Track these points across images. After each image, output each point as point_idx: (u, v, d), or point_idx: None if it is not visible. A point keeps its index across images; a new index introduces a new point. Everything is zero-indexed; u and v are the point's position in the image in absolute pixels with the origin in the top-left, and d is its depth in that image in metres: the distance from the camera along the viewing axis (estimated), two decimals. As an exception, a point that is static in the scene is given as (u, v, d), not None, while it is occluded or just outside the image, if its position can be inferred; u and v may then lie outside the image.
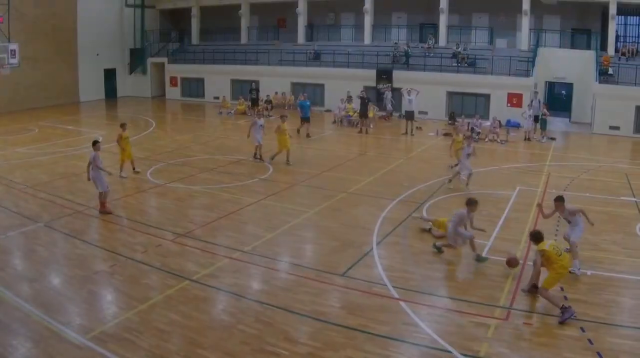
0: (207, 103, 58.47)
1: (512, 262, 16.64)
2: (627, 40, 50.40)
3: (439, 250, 18.06)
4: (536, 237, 14.74)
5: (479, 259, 17.32)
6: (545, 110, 40.37)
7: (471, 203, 17.63)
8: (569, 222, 16.85)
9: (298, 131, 38.29)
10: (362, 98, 41.81)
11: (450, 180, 26.13)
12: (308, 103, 39.96)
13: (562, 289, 15.34)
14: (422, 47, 52.21)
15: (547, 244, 14.47)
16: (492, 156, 32.95)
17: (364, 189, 25.56)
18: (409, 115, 41.00)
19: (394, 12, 57.40)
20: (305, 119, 38.68)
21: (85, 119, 48.96)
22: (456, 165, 27.57)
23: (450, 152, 28.22)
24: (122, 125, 27.56)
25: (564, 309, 13.66)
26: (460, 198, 23.60)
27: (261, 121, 30.77)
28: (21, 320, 13.37)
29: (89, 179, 21.56)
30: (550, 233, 19.70)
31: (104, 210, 21.35)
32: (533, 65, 46.00)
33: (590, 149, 38.08)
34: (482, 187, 25.90)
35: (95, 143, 21.82)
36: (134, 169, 27.67)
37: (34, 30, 51.94)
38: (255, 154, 30.48)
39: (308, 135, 38.31)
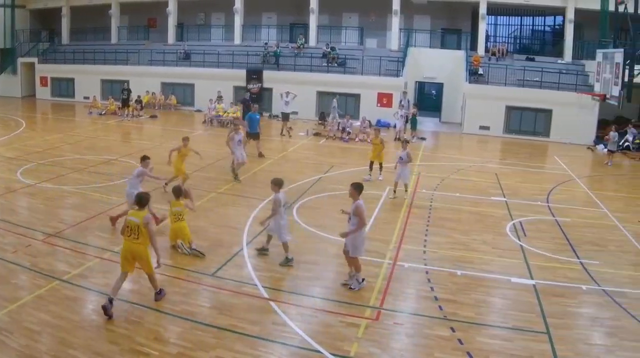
0: (78, 103, 56.76)
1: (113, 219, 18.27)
2: (497, 40, 51.89)
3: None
4: (139, 201, 14.18)
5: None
6: (414, 110, 40.69)
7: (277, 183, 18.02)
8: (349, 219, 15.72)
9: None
10: (244, 100, 41.31)
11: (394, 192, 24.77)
12: (258, 116, 33.41)
13: (432, 289, 15.36)
14: (292, 47, 52.38)
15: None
16: (362, 156, 32.54)
17: (234, 189, 25.15)
18: (285, 117, 40.90)
19: (264, 12, 57.48)
20: (253, 135, 32.46)
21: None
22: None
23: (370, 157, 27.63)
24: (185, 139, 24.75)
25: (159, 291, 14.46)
26: (329, 198, 23.39)
27: (239, 135, 27.17)
28: None
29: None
30: (421, 231, 20.04)
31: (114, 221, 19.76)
32: (403, 65, 46.59)
33: (461, 149, 38.70)
34: (352, 186, 25.54)
35: (144, 158, 20.24)
36: (166, 184, 24.19)
37: None
38: (234, 169, 27.08)
39: (261, 154, 32.46)
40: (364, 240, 15.33)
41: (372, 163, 27.61)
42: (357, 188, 15.06)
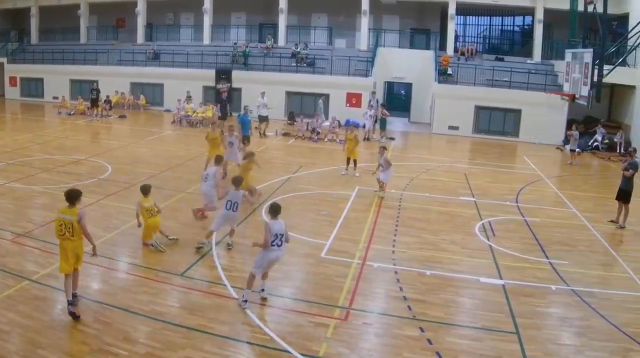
0: (47, 103, 56.17)
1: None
2: (467, 40, 52.04)
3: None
4: (69, 197, 13.26)
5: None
6: (384, 110, 40.66)
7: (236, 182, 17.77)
8: None
9: None
10: (221, 100, 41.49)
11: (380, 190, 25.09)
12: (249, 118, 32.91)
13: (401, 289, 15.33)
14: (261, 47, 52.23)
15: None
16: (331, 156, 32.78)
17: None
18: (262, 119, 40.59)
19: (233, 12, 57.41)
20: (244, 137, 30.68)
21: None
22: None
23: (344, 151, 28.74)
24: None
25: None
26: (298, 198, 23.26)
27: (232, 138, 26.49)
28: None
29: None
30: (390, 231, 19.96)
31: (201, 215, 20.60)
32: (372, 65, 46.59)
33: (430, 149, 38.76)
34: (321, 186, 25.79)
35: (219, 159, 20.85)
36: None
37: None
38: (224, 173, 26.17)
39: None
40: (267, 261, 14.30)
41: (348, 159, 28.46)
42: (270, 210, 14.57)
